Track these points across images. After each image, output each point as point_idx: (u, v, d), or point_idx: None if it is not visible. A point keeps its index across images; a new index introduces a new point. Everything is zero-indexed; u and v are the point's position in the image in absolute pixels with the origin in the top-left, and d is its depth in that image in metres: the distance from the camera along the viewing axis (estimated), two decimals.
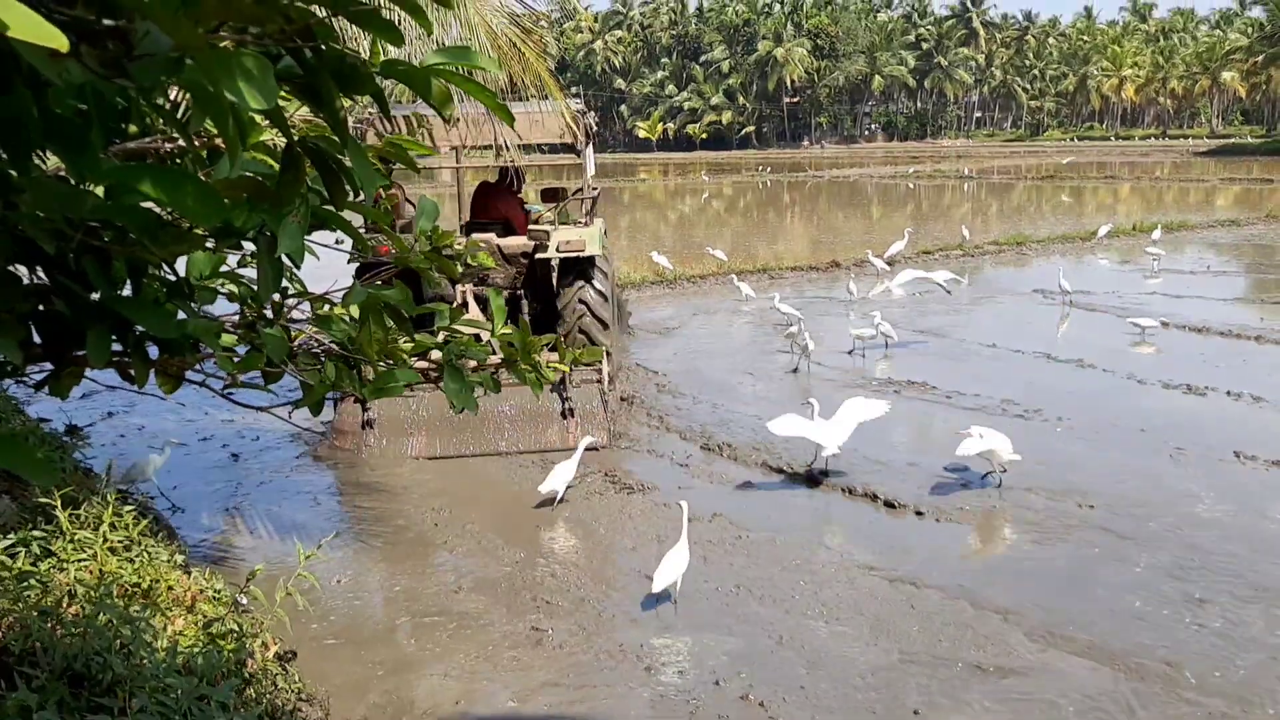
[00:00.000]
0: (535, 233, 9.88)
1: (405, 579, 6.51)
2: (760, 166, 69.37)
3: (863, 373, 11.72)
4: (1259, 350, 12.32)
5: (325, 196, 1.58)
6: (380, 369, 1.94)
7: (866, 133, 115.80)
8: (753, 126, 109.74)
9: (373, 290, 1.84)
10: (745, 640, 5.52)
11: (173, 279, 1.66)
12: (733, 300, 16.76)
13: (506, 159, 10.53)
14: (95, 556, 4.77)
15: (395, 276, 2.17)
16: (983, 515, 7.28)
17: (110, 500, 5.42)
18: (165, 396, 1.94)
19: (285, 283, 1.70)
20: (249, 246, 1.62)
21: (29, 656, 3.66)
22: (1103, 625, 5.62)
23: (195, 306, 1.72)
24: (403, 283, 1.92)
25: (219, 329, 1.77)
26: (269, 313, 1.84)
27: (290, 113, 1.68)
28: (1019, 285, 17.93)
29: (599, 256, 9.93)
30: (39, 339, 1.49)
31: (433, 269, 2.08)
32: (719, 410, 10.16)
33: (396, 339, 1.97)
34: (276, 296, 1.81)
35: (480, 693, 5.08)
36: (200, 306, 1.75)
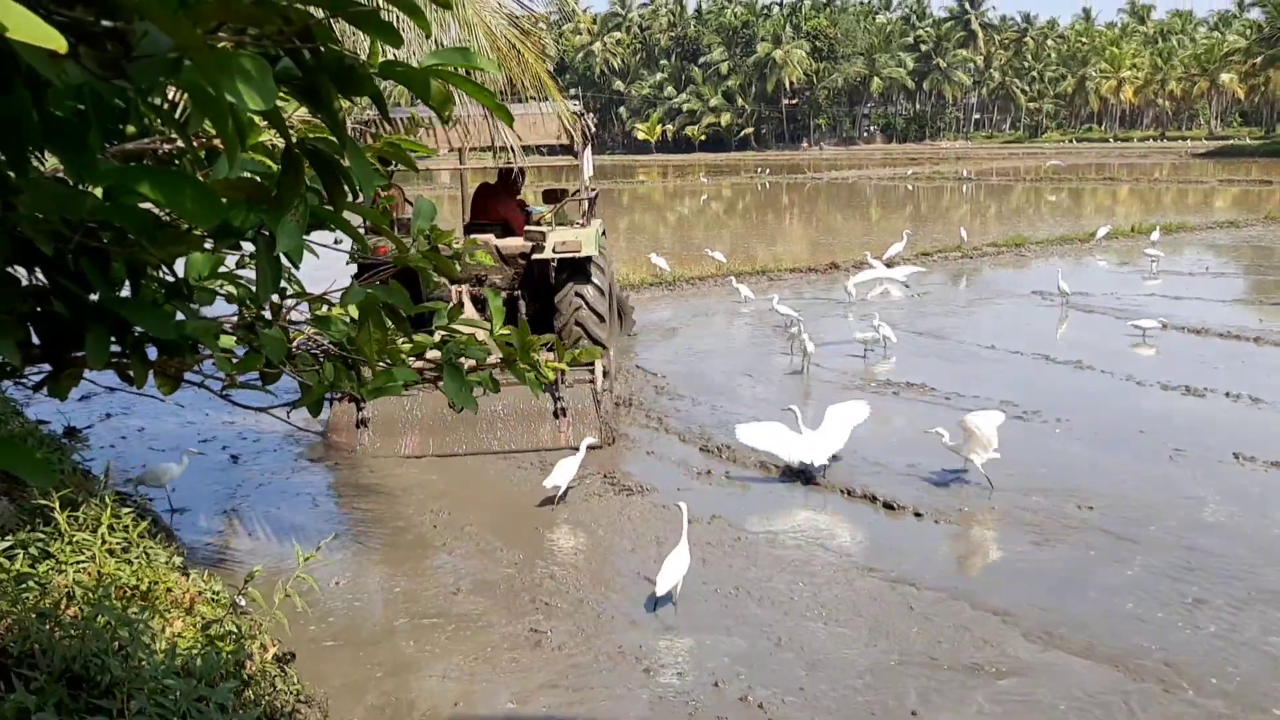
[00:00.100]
0: (532, 233, 9.89)
1: (404, 580, 6.50)
2: (759, 168, 69.45)
3: (861, 374, 11.72)
4: (1258, 351, 12.33)
5: (324, 197, 1.58)
6: (379, 369, 1.95)
7: (865, 134, 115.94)
8: (751, 128, 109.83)
9: (371, 290, 1.84)
10: (744, 641, 5.52)
11: (171, 280, 1.66)
12: (731, 302, 16.76)
13: (505, 160, 10.55)
14: (94, 558, 4.77)
15: (393, 276, 2.18)
16: (982, 517, 7.28)
17: (109, 502, 5.42)
18: (164, 398, 1.94)
19: (284, 283, 1.70)
20: (248, 247, 1.62)
21: (27, 658, 3.66)
22: (1101, 626, 5.62)
23: (194, 307, 1.72)
24: (400, 283, 1.92)
25: (217, 330, 1.77)
26: (267, 313, 1.84)
27: (289, 114, 1.68)
28: (1018, 287, 17.93)
29: (595, 257, 9.95)
30: (37, 340, 1.48)
31: (431, 268, 2.08)
32: (718, 412, 10.16)
33: (395, 339, 1.97)
34: (275, 297, 1.81)
35: (479, 694, 5.07)
36: (199, 307, 1.75)
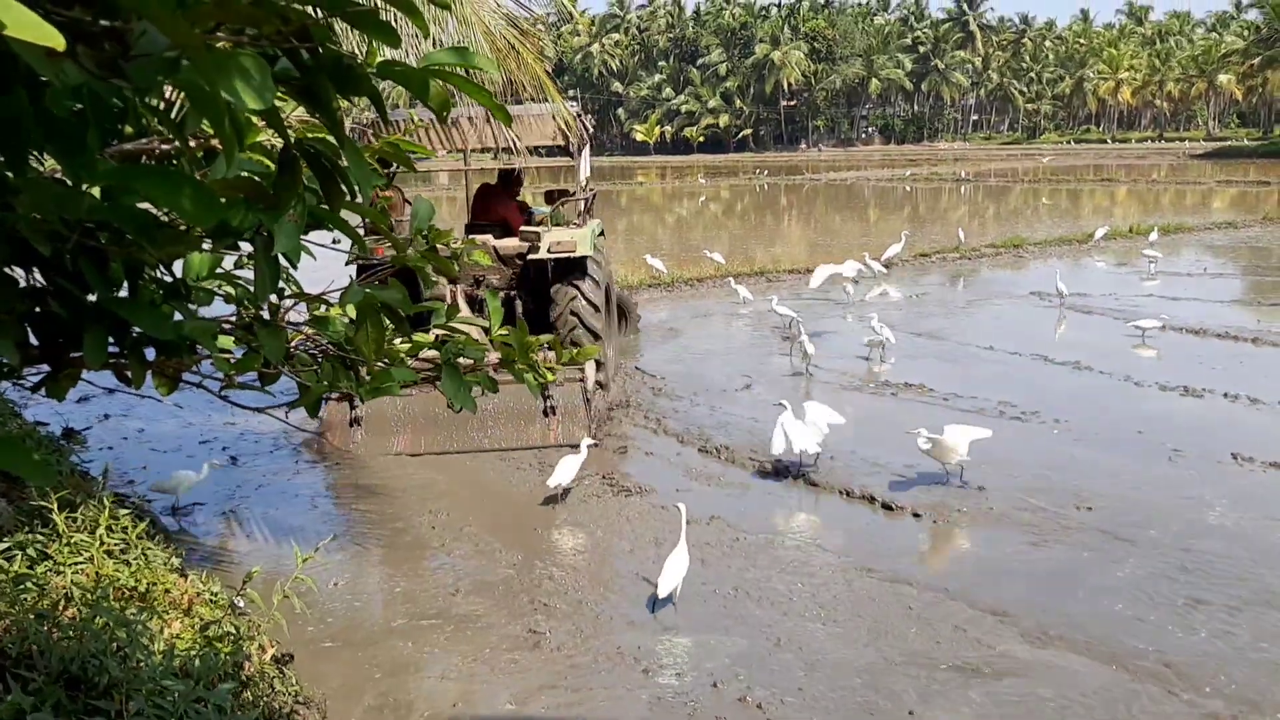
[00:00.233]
0: (527, 234, 9.93)
1: (403, 581, 6.50)
2: (757, 169, 69.52)
3: (861, 375, 11.72)
4: (1256, 352, 12.34)
5: (322, 197, 1.58)
6: (377, 369, 1.95)
7: (863, 136, 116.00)
8: (750, 129, 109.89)
9: (370, 290, 1.84)
10: (743, 642, 5.52)
11: (169, 280, 1.66)
12: (730, 303, 16.76)
13: (506, 161, 10.56)
14: (92, 559, 4.77)
15: (392, 276, 2.18)
16: (980, 517, 7.28)
17: (107, 504, 5.42)
18: (162, 399, 1.94)
19: (282, 283, 1.70)
20: (246, 247, 1.62)
21: (25, 659, 3.65)
22: (1099, 627, 5.62)
23: (192, 308, 1.72)
24: (399, 282, 1.92)
25: (216, 330, 1.77)
26: (266, 314, 1.84)
27: (287, 114, 1.68)
28: (1016, 288, 17.94)
29: (591, 257, 10.00)
30: (36, 341, 1.48)
31: (429, 268, 2.08)
32: (716, 413, 10.16)
33: (392, 339, 1.97)
34: (273, 297, 1.81)
35: (478, 695, 5.07)
36: (197, 308, 1.75)
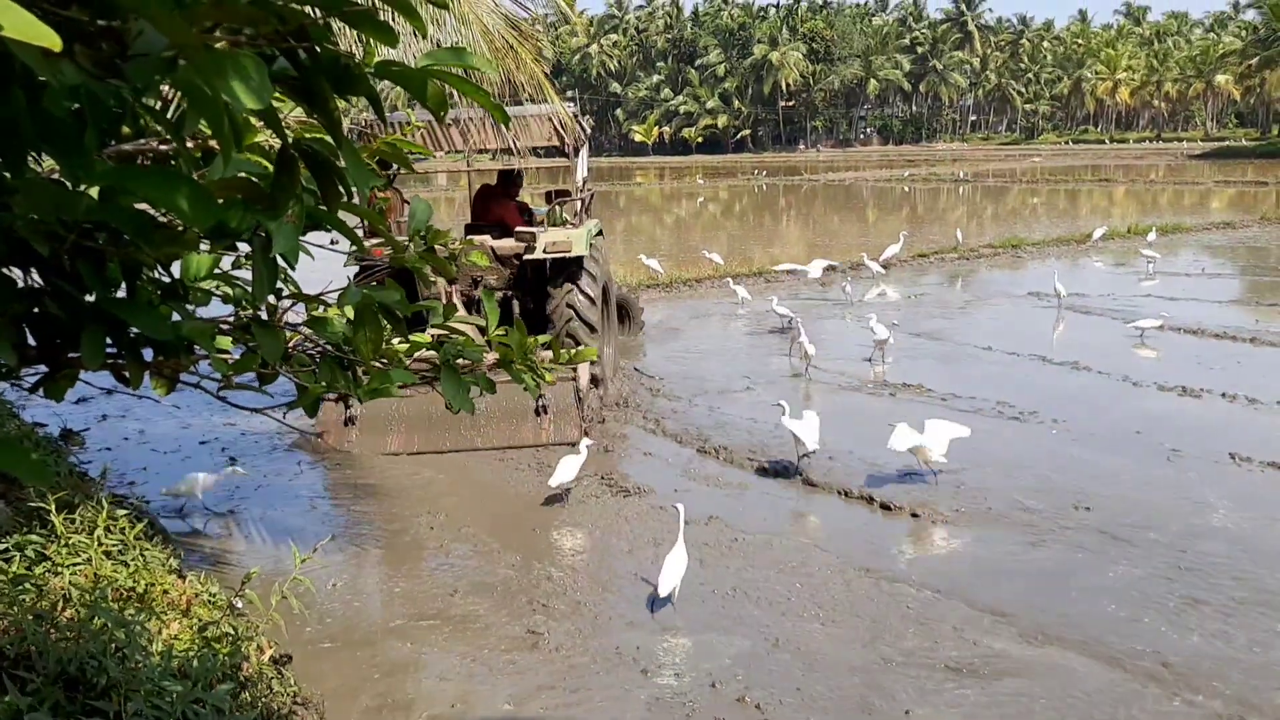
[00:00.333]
0: (523, 234, 9.95)
1: (401, 582, 6.50)
2: (756, 170, 69.55)
3: (859, 375, 11.72)
4: (1254, 352, 12.35)
5: (320, 197, 1.57)
6: (375, 369, 1.94)
7: (862, 136, 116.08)
8: (748, 130, 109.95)
9: (368, 290, 1.83)
10: (742, 642, 5.52)
11: (167, 280, 1.66)
12: (729, 303, 16.77)
13: (505, 162, 10.56)
14: (90, 560, 4.77)
15: (390, 276, 2.18)
16: (978, 517, 7.29)
17: (105, 504, 5.42)
18: (160, 399, 1.94)
19: (280, 284, 1.70)
20: (244, 248, 1.62)
21: (24, 660, 3.65)
22: (1097, 627, 5.62)
23: (190, 308, 1.72)
24: (396, 283, 1.92)
25: (213, 331, 1.77)
26: (264, 314, 1.84)
27: (285, 114, 1.68)
28: (1014, 288, 17.96)
29: (587, 257, 10.03)
30: (33, 341, 1.48)
31: (427, 269, 2.08)
32: (715, 413, 10.16)
33: (390, 339, 1.97)
34: (271, 298, 1.81)
35: (477, 695, 5.07)
36: (195, 308, 1.75)
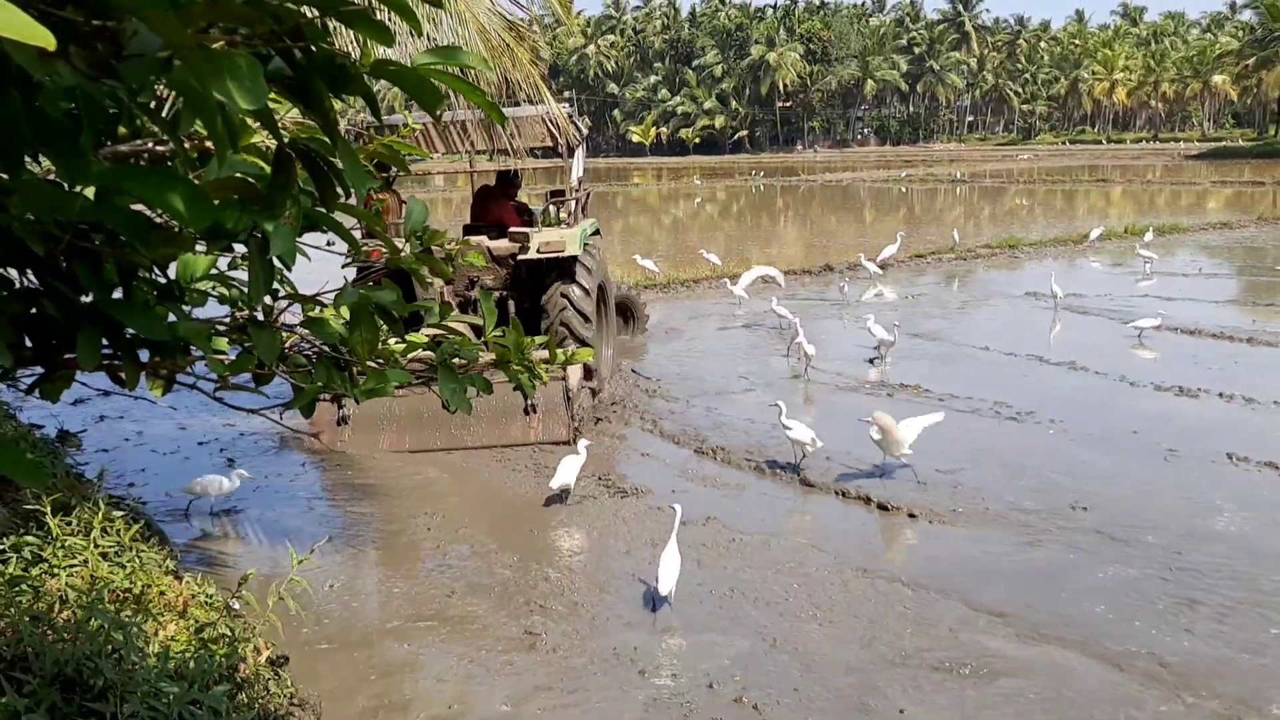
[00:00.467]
0: (516, 234, 9.96)
1: (399, 583, 6.49)
2: (753, 171, 69.58)
3: (856, 375, 11.72)
4: (1251, 352, 12.36)
5: (317, 198, 1.57)
6: (371, 370, 1.94)
7: (859, 137, 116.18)
8: (745, 131, 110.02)
9: (364, 291, 1.83)
10: (739, 643, 5.51)
11: (163, 281, 1.65)
12: (726, 304, 16.78)
13: (502, 162, 10.57)
14: (87, 562, 4.76)
15: (386, 276, 2.18)
16: (975, 517, 7.29)
17: (102, 506, 5.41)
18: (156, 400, 1.93)
19: (276, 285, 1.69)
20: (241, 249, 1.62)
21: (20, 662, 3.65)
22: (1095, 627, 5.63)
23: (186, 309, 1.72)
24: (393, 283, 1.92)
25: (210, 331, 1.77)
26: (260, 315, 1.84)
27: (281, 115, 1.68)
28: (1012, 288, 17.97)
29: (581, 256, 10.03)
30: (29, 342, 1.48)
31: (423, 269, 2.08)
32: (712, 414, 10.16)
33: (386, 339, 1.97)
34: (268, 299, 1.81)
35: (474, 696, 5.06)
36: (191, 309, 1.75)
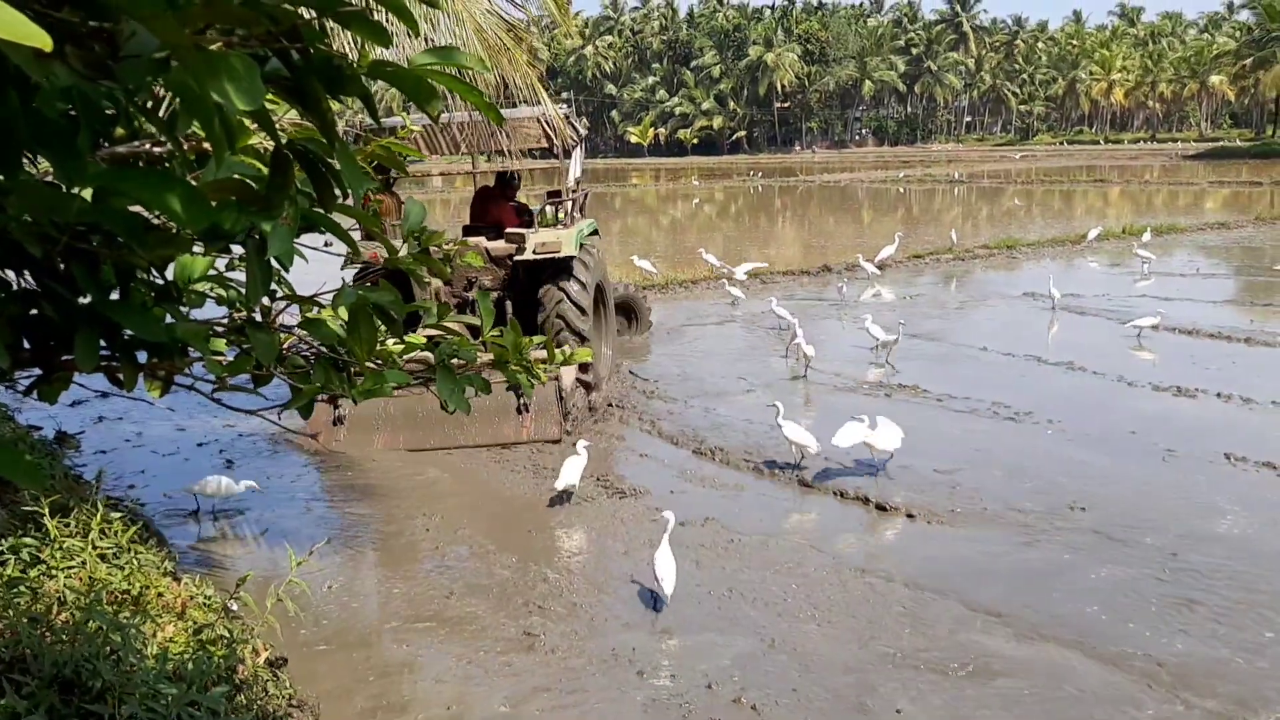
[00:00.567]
0: (512, 235, 9.98)
1: (397, 584, 6.49)
2: (751, 171, 69.58)
3: (854, 376, 11.73)
4: (1248, 352, 12.37)
5: (314, 199, 1.57)
6: (370, 370, 1.94)
7: (856, 138, 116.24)
8: (743, 131, 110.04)
9: (362, 291, 1.83)
10: (738, 643, 5.52)
11: (161, 283, 1.65)
12: (725, 304, 16.78)
13: (501, 163, 10.58)
14: (85, 564, 4.76)
15: (384, 277, 2.18)
16: (973, 517, 7.29)
17: (100, 508, 5.41)
18: (154, 402, 1.93)
19: (274, 286, 1.69)
20: (238, 250, 1.62)
21: (19, 663, 3.65)
22: (1093, 627, 5.63)
23: (184, 310, 1.72)
24: (390, 284, 1.92)
25: (208, 333, 1.77)
26: (258, 316, 1.84)
27: (279, 116, 1.68)
28: (1010, 288, 17.98)
29: (577, 257, 10.05)
30: (27, 344, 1.48)
31: (421, 270, 2.08)
32: (711, 414, 10.16)
33: (384, 340, 1.97)
34: (266, 300, 1.81)
35: (473, 697, 5.06)
36: (189, 310, 1.74)
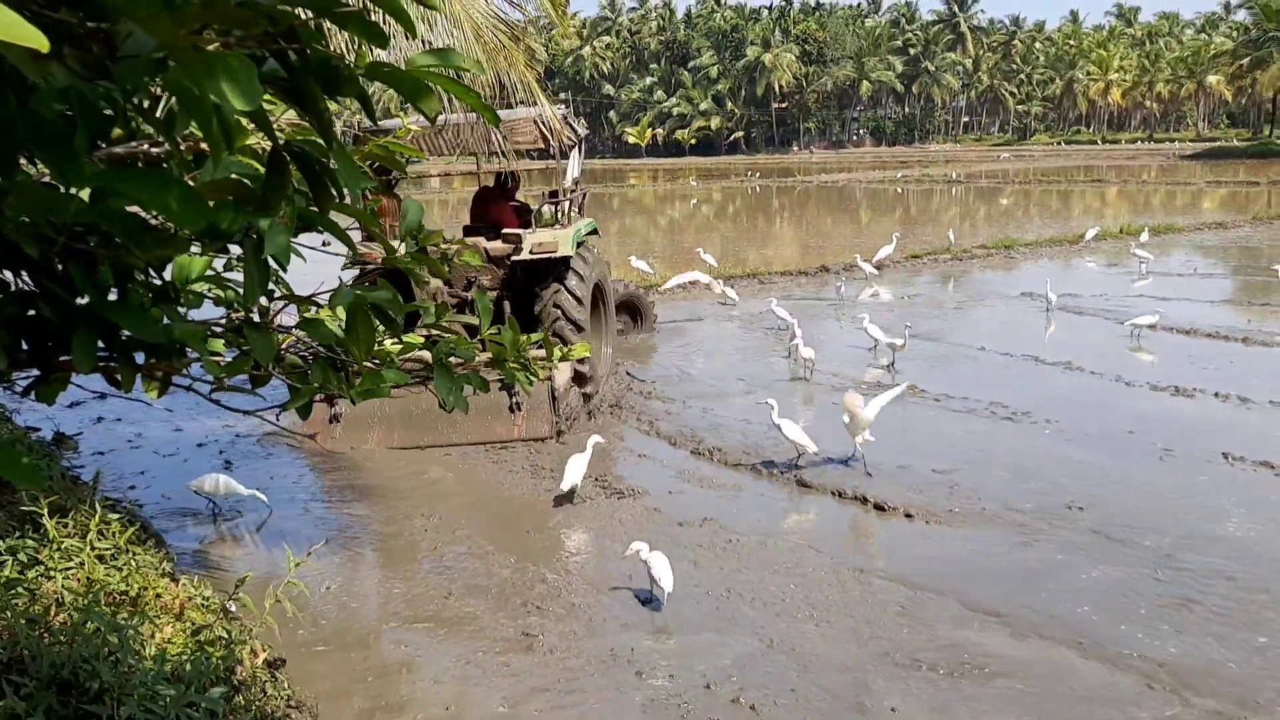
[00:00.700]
0: (509, 235, 10.00)
1: (395, 584, 6.49)
2: (749, 172, 69.58)
3: (853, 376, 11.73)
4: (1246, 352, 12.39)
5: (311, 199, 1.57)
6: (368, 370, 1.94)
7: (854, 138, 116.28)
8: (741, 132, 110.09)
9: (360, 291, 1.83)
10: (736, 643, 5.52)
11: (159, 283, 1.65)
12: (723, 305, 16.78)
13: (499, 164, 10.59)
14: (83, 565, 4.75)
15: (382, 277, 2.18)
16: (972, 517, 7.30)
17: (98, 508, 5.40)
18: (152, 402, 1.93)
19: (272, 286, 1.69)
20: (236, 250, 1.62)
21: (17, 664, 3.64)
22: (1092, 626, 5.64)
23: (182, 311, 1.71)
24: (389, 283, 1.92)
25: (205, 333, 1.77)
26: (256, 316, 1.84)
27: (276, 117, 1.67)
28: (1007, 288, 18.00)
29: (574, 257, 10.06)
30: (24, 344, 1.48)
31: (420, 269, 2.08)
32: (709, 415, 10.16)
33: (383, 340, 1.97)
34: (263, 300, 1.81)
35: (471, 697, 5.06)
36: (187, 310, 1.74)
